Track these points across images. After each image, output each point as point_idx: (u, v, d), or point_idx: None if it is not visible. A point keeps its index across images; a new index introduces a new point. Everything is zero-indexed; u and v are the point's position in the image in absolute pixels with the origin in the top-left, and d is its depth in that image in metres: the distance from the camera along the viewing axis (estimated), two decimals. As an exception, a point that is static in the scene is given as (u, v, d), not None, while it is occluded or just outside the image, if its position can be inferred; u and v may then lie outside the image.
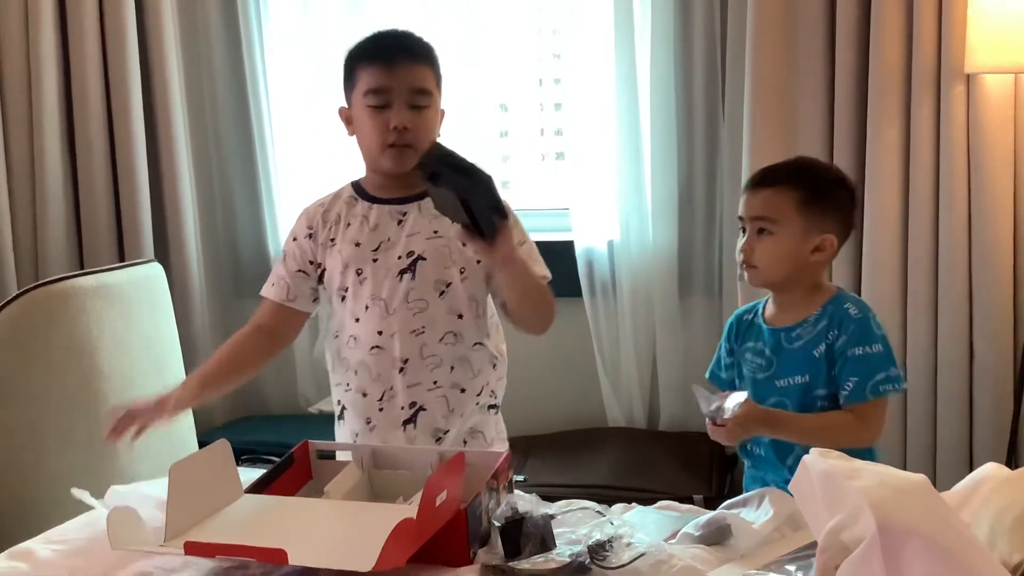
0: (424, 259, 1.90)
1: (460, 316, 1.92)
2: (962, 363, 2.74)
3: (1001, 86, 2.62)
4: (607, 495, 1.96)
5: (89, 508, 1.62)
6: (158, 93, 3.37)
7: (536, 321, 1.94)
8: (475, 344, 1.94)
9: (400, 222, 1.93)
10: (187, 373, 2.90)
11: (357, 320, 1.93)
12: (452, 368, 1.91)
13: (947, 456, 2.76)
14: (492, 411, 2.01)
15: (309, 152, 3.50)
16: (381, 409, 1.93)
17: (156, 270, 2.82)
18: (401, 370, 1.90)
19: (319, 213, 2.01)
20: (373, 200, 1.97)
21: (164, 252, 3.41)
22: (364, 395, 1.94)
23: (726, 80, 3.03)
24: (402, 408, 1.91)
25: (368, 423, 1.95)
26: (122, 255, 3.39)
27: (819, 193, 1.85)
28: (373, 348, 1.91)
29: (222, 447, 1.65)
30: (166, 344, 2.80)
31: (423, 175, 1.64)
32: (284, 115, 3.49)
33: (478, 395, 1.95)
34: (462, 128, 3.24)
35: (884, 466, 1.23)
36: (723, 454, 2.98)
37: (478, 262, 1.90)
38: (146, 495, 1.70)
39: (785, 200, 1.83)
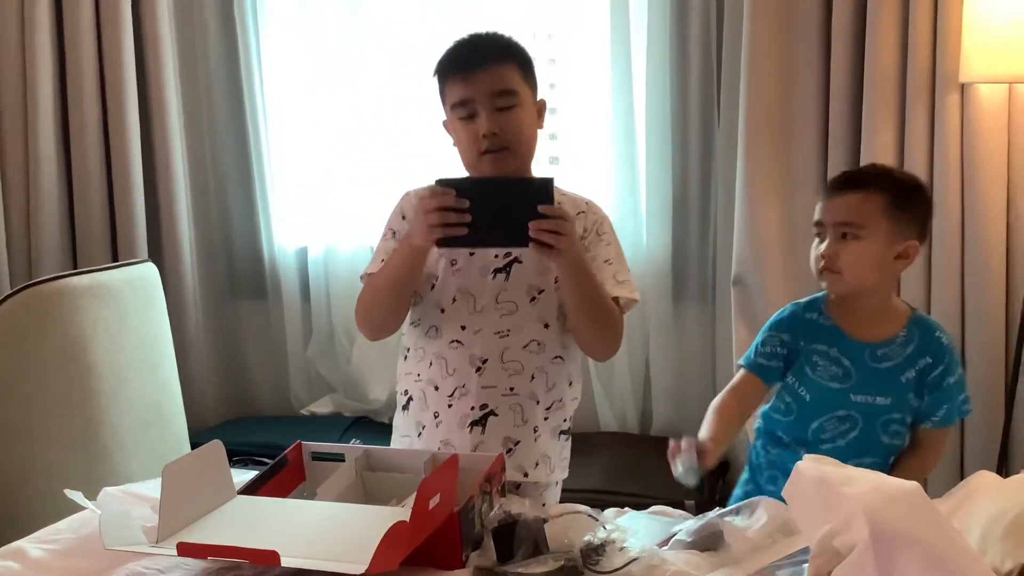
0: (520, 262, 1.87)
1: (547, 326, 1.89)
2: (954, 371, 2.75)
3: (995, 96, 2.64)
4: (600, 499, 1.96)
5: (81, 507, 1.62)
6: (153, 92, 3.37)
7: (597, 340, 1.89)
8: (555, 357, 1.91)
9: None
10: (180, 373, 2.91)
11: (442, 311, 1.89)
12: (532, 377, 1.88)
13: (938, 463, 2.77)
14: (563, 437, 1.97)
15: (305, 153, 3.50)
16: (450, 406, 1.89)
17: (150, 270, 2.82)
18: (478, 370, 1.87)
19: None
20: None
21: (158, 252, 3.41)
22: (435, 388, 1.91)
23: (721, 85, 3.04)
24: (472, 408, 1.87)
25: (436, 417, 1.92)
26: (116, 255, 3.39)
27: (904, 197, 1.82)
28: (453, 342, 1.88)
29: (215, 448, 1.64)
30: (159, 344, 2.80)
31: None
32: (280, 115, 3.50)
33: (548, 409, 1.92)
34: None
35: (877, 473, 1.24)
36: (727, 467, 2.98)
37: (556, 280, 1.87)
38: (139, 495, 1.70)
39: (872, 204, 1.79)
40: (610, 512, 1.67)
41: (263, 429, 3.39)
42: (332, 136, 3.47)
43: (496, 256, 1.88)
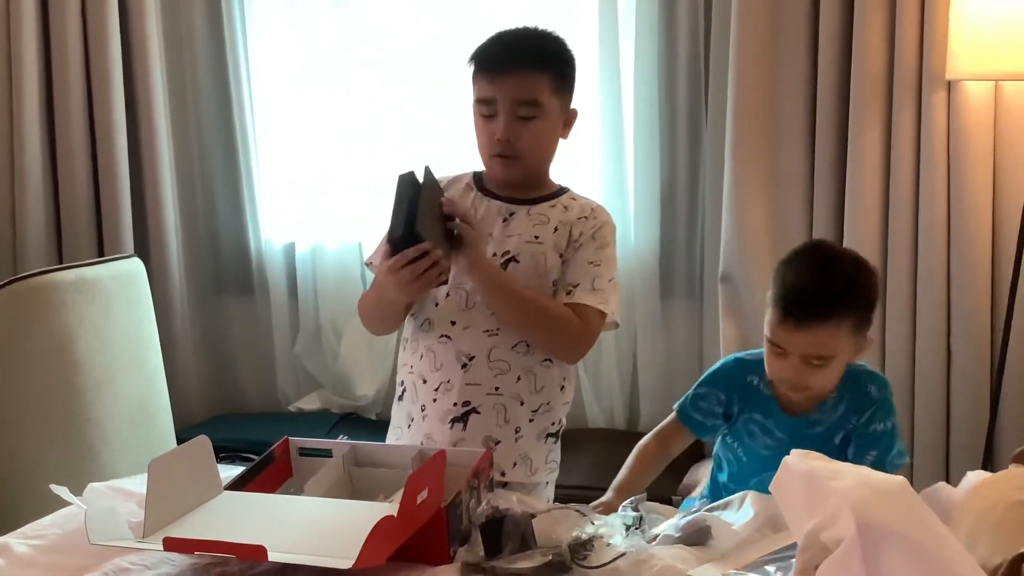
0: (517, 262, 1.86)
1: None
2: (940, 367, 2.76)
3: (981, 93, 2.64)
4: (587, 496, 1.96)
5: (67, 503, 1.61)
6: (140, 87, 3.35)
7: (539, 343, 1.87)
8: (545, 360, 1.90)
9: (505, 220, 1.90)
10: (166, 369, 2.90)
11: (436, 304, 1.90)
12: (519, 379, 1.87)
13: (924, 459, 2.78)
14: (551, 440, 1.95)
15: (292, 148, 3.49)
16: (435, 400, 1.89)
17: (136, 265, 2.81)
18: (464, 366, 1.86)
19: None
20: (487, 193, 1.94)
21: (144, 247, 3.39)
22: (424, 381, 1.92)
23: (709, 83, 3.04)
24: (454, 404, 1.87)
25: (423, 410, 1.92)
26: (102, 250, 3.37)
27: (868, 310, 1.72)
28: (442, 336, 1.88)
29: (202, 444, 1.64)
30: (145, 340, 2.79)
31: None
32: (267, 110, 3.48)
33: (535, 411, 1.90)
34: (446, 131, 3.25)
35: (864, 468, 1.24)
36: (702, 455, 2.99)
37: (553, 284, 1.86)
38: (125, 491, 1.69)
39: (840, 333, 1.67)
40: (588, 507, 1.67)
41: (250, 426, 3.38)
42: (320, 132, 3.45)
43: (494, 255, 1.88)
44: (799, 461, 1.23)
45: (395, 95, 3.38)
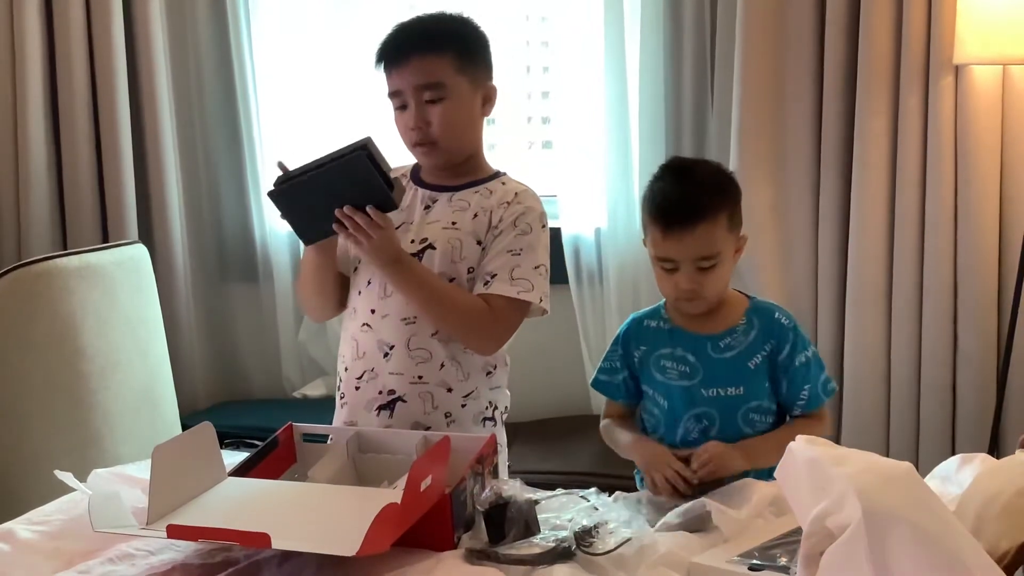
0: (434, 248, 1.84)
1: None
2: (946, 353, 2.75)
3: (989, 77, 2.63)
4: (591, 482, 1.95)
5: (71, 489, 1.61)
6: (143, 72, 3.35)
7: (450, 334, 1.84)
8: (468, 347, 1.88)
9: (428, 208, 1.89)
10: (171, 355, 2.90)
11: (359, 293, 1.90)
12: (442, 366, 1.85)
13: (930, 446, 2.78)
14: (489, 424, 1.92)
15: (296, 135, 3.48)
16: (357, 388, 1.89)
17: (141, 251, 2.81)
18: (386, 355, 1.85)
19: None
20: (419, 183, 1.93)
21: (148, 234, 3.39)
22: (346, 369, 1.92)
23: (715, 69, 3.03)
24: (379, 393, 1.86)
25: (342, 398, 1.93)
26: (106, 236, 3.37)
27: (736, 205, 1.82)
28: (364, 325, 1.88)
29: (206, 430, 1.64)
30: (150, 326, 2.79)
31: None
32: (271, 96, 3.47)
33: (466, 396, 1.88)
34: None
35: (870, 453, 1.23)
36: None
37: (469, 271, 1.84)
38: (129, 478, 1.69)
39: (719, 230, 1.76)
40: (592, 493, 1.66)
41: (255, 412, 3.38)
42: (324, 119, 3.44)
43: (412, 241, 1.85)
44: (804, 447, 1.23)
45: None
